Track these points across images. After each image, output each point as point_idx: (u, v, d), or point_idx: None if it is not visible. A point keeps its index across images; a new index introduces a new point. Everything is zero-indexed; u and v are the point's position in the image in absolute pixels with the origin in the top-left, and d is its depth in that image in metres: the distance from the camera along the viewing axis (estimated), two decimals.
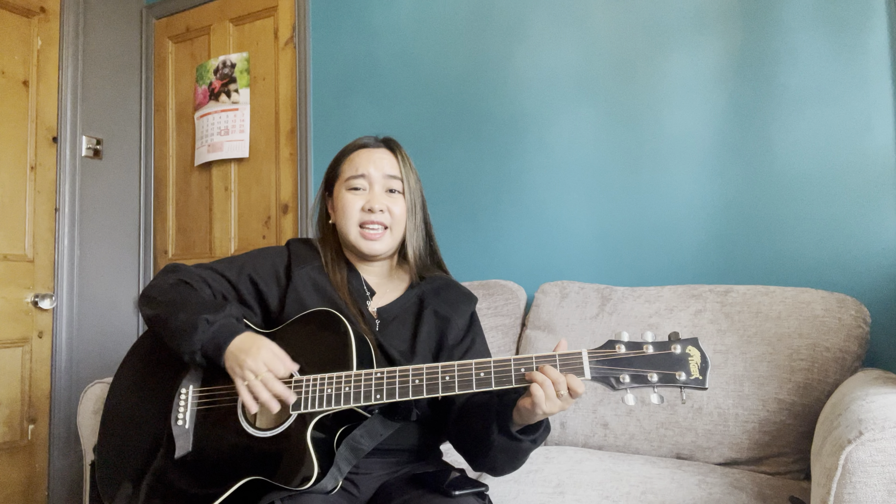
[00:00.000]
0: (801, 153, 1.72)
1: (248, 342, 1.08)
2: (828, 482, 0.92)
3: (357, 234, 1.25)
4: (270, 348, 1.07)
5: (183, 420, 1.14)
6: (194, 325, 1.09)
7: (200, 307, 1.12)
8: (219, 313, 1.11)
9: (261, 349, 1.06)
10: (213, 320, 1.09)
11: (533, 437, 1.06)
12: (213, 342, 1.09)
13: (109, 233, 2.81)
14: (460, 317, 1.28)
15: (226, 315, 1.12)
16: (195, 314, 1.10)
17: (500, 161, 2.15)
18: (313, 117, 2.55)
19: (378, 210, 1.23)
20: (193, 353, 1.09)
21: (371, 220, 1.23)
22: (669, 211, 1.88)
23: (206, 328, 1.09)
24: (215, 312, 1.11)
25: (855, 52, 1.66)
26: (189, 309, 1.12)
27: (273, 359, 1.06)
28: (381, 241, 1.25)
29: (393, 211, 1.25)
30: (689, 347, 0.97)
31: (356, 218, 1.24)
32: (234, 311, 1.14)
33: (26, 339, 2.52)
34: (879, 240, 1.63)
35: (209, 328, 1.09)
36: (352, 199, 1.25)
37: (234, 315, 1.14)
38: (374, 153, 1.28)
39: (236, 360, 1.07)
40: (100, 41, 2.81)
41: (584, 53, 2.03)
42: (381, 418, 1.11)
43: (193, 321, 1.09)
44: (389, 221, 1.25)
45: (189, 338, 1.09)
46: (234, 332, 1.09)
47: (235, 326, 1.11)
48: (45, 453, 2.54)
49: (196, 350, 1.09)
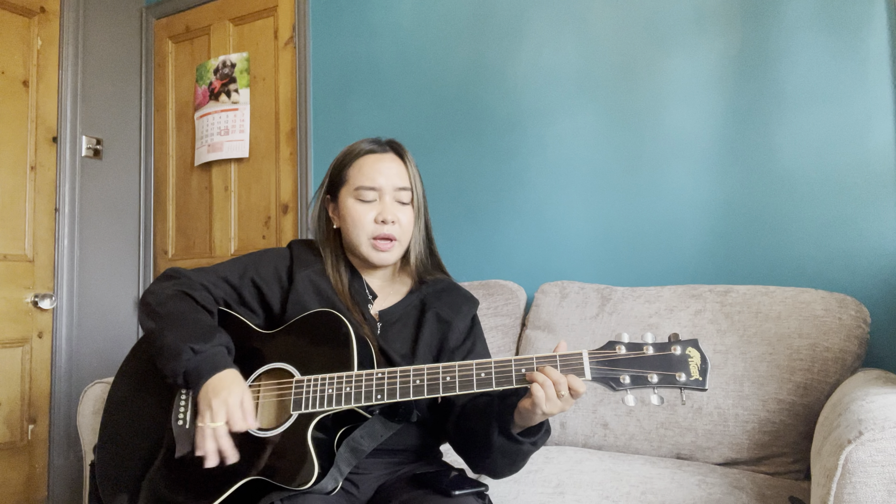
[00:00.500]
0: (801, 153, 1.72)
1: (224, 383, 1.06)
2: (828, 482, 0.92)
3: (369, 246, 1.24)
4: (239, 397, 1.05)
5: (184, 420, 1.14)
6: (178, 352, 1.07)
7: (190, 332, 1.10)
8: (206, 343, 1.09)
9: (230, 395, 1.04)
10: (198, 350, 1.07)
11: (533, 440, 1.06)
12: (195, 373, 1.07)
13: (109, 233, 2.81)
14: (461, 320, 1.28)
15: (213, 345, 1.09)
16: (183, 340, 1.08)
17: (500, 161, 2.15)
18: (313, 117, 2.55)
19: (391, 222, 1.22)
20: (175, 377, 1.08)
21: (383, 233, 1.22)
22: (669, 211, 1.88)
23: (189, 357, 1.07)
24: (203, 342, 1.08)
25: (855, 52, 1.66)
26: (179, 331, 1.10)
27: (236, 410, 1.03)
28: (392, 252, 1.25)
29: (402, 221, 1.24)
30: (690, 349, 0.97)
31: (369, 230, 1.23)
32: (222, 340, 1.12)
33: (26, 339, 2.52)
34: (879, 240, 1.63)
35: (193, 358, 1.07)
36: (363, 210, 1.23)
37: (223, 344, 1.11)
38: (383, 161, 1.26)
39: (205, 397, 1.05)
40: (100, 41, 2.81)
41: (584, 53, 2.03)
42: (381, 419, 1.11)
43: (179, 348, 1.07)
44: (399, 233, 1.24)
45: (171, 362, 1.07)
46: (215, 369, 1.07)
47: (218, 361, 1.08)
48: (45, 453, 2.54)
49: (178, 374, 1.08)
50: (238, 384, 1.07)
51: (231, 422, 1.03)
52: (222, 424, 1.03)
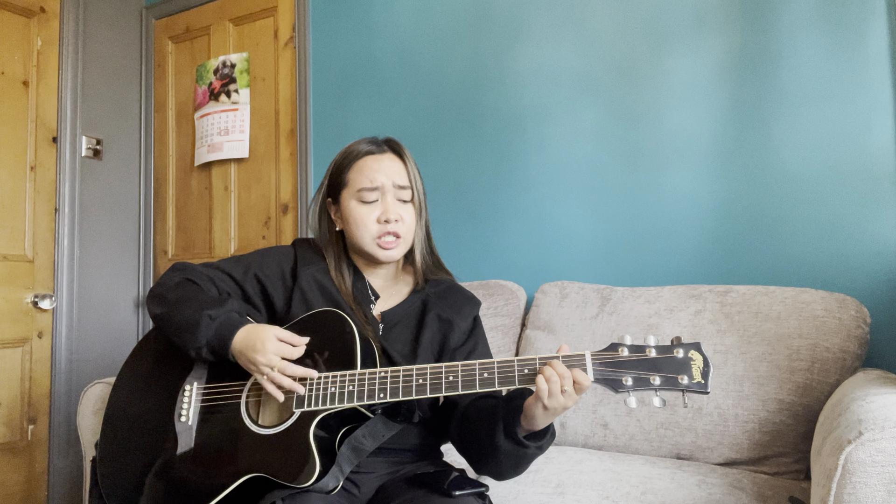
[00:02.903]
0: (801, 153, 1.72)
1: (253, 337, 1.10)
2: (828, 482, 0.92)
3: (374, 245, 1.24)
4: (275, 336, 1.10)
5: (186, 417, 1.14)
6: (197, 322, 1.11)
7: (203, 303, 1.14)
8: (220, 308, 1.13)
9: (266, 341, 1.09)
10: (215, 316, 1.12)
11: (539, 443, 1.07)
12: (218, 337, 1.11)
13: (109, 233, 2.81)
14: (463, 320, 1.28)
15: (227, 310, 1.14)
16: (198, 310, 1.12)
17: (500, 161, 2.16)
18: (313, 117, 2.55)
19: (394, 220, 1.23)
20: (199, 348, 1.12)
21: (387, 231, 1.23)
22: (669, 211, 1.88)
23: (209, 324, 1.11)
24: (217, 308, 1.13)
25: (855, 52, 1.66)
26: (192, 305, 1.14)
27: (280, 346, 1.09)
28: (397, 249, 1.25)
29: (405, 219, 1.25)
30: (692, 352, 0.97)
31: (373, 230, 1.24)
32: (235, 306, 1.16)
33: (26, 340, 2.52)
34: (879, 240, 1.63)
35: (212, 324, 1.11)
36: (366, 211, 1.24)
37: (235, 310, 1.15)
38: (382, 161, 1.26)
39: (248, 358, 1.10)
40: (100, 41, 2.81)
41: (584, 53, 2.03)
42: (383, 419, 1.12)
43: (196, 318, 1.11)
44: (403, 230, 1.25)
45: (193, 334, 1.11)
46: (236, 327, 1.12)
47: (237, 321, 1.13)
48: (45, 453, 2.54)
49: (202, 346, 1.12)
50: (263, 329, 1.11)
51: (285, 355, 1.09)
52: (280, 362, 1.08)
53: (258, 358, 1.08)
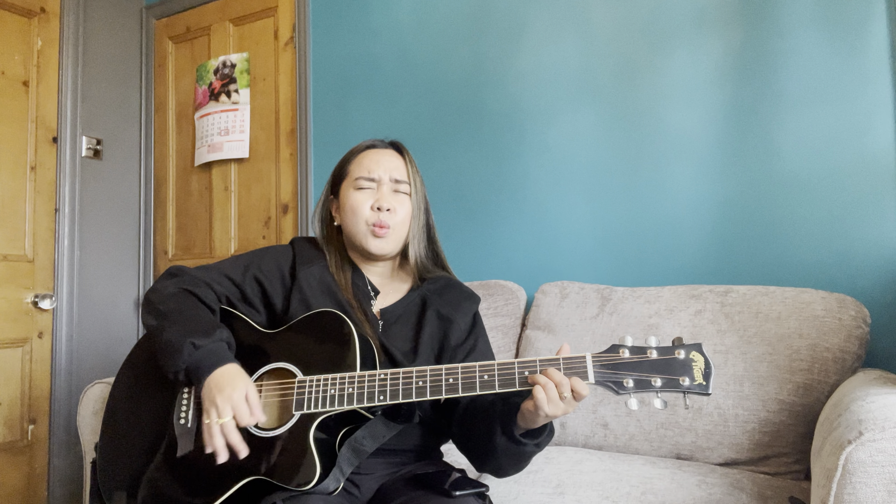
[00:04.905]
0: (801, 153, 1.72)
1: (227, 378, 1.06)
2: (828, 482, 0.92)
3: (366, 231, 1.25)
4: (244, 391, 1.05)
5: (185, 419, 1.14)
6: (179, 348, 1.08)
7: (190, 328, 1.10)
8: (207, 338, 1.09)
9: (234, 390, 1.05)
10: (199, 345, 1.08)
11: (537, 441, 1.06)
12: (196, 369, 1.08)
13: (109, 233, 2.81)
14: (463, 317, 1.28)
15: (213, 340, 1.10)
16: (183, 335, 1.08)
17: (500, 161, 2.16)
18: (313, 117, 2.55)
19: (386, 209, 1.24)
20: (176, 373, 1.09)
21: (379, 219, 1.24)
22: (669, 211, 1.88)
23: (190, 352, 1.08)
24: (203, 337, 1.09)
25: (855, 52, 1.66)
26: (180, 327, 1.10)
27: (241, 404, 1.04)
28: (388, 240, 1.26)
29: (399, 212, 1.26)
30: (693, 353, 0.97)
31: (365, 216, 1.25)
32: (223, 336, 1.12)
33: (26, 340, 2.52)
34: (879, 240, 1.63)
35: (194, 353, 1.08)
36: (361, 197, 1.26)
37: (223, 340, 1.12)
38: (382, 154, 1.29)
39: (209, 393, 1.06)
40: (100, 41, 2.81)
41: (584, 53, 2.03)
42: (383, 420, 1.11)
43: (180, 343, 1.08)
44: (395, 222, 1.25)
45: (173, 358, 1.08)
46: (217, 364, 1.08)
47: (219, 356, 1.09)
48: (45, 454, 2.54)
49: (179, 371, 1.09)
50: (241, 378, 1.07)
51: (238, 416, 1.04)
52: (229, 419, 1.03)
53: (217, 399, 1.04)
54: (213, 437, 1.03)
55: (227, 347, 1.12)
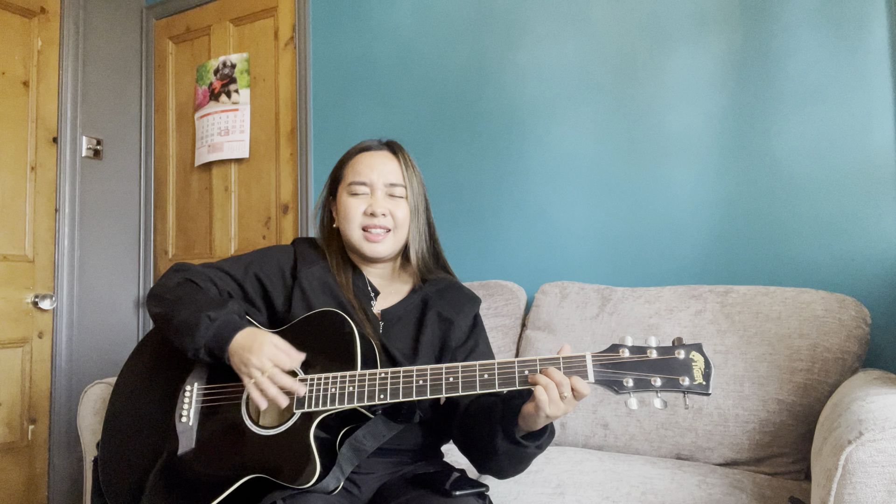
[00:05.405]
0: (801, 153, 1.72)
1: (251, 339, 1.08)
2: (828, 483, 0.92)
3: (360, 236, 1.25)
4: (273, 342, 1.08)
5: (187, 417, 1.14)
6: (196, 323, 1.09)
7: (203, 304, 1.12)
8: (221, 310, 1.11)
9: (263, 345, 1.07)
10: (214, 317, 1.10)
11: (538, 443, 1.06)
12: (216, 339, 1.09)
13: (109, 233, 2.81)
14: (463, 318, 1.28)
15: (227, 311, 1.12)
16: (197, 311, 1.10)
17: (500, 161, 2.16)
18: (313, 117, 2.56)
19: (380, 214, 1.24)
20: (197, 350, 1.10)
21: (373, 223, 1.24)
22: (670, 211, 1.88)
23: (208, 325, 1.09)
24: (217, 309, 1.11)
25: (855, 52, 1.67)
26: (192, 306, 1.12)
27: (276, 353, 1.07)
28: (384, 244, 1.25)
29: (395, 214, 1.26)
30: (693, 353, 0.97)
31: (358, 221, 1.25)
32: (235, 308, 1.14)
33: (26, 340, 2.52)
34: (879, 240, 1.63)
35: (211, 325, 1.09)
36: (354, 203, 1.26)
37: (235, 311, 1.14)
38: (376, 157, 1.28)
39: (241, 358, 1.07)
40: (100, 41, 2.81)
41: (584, 53, 2.03)
42: (384, 419, 1.12)
43: (196, 318, 1.10)
44: (392, 225, 1.25)
45: (192, 335, 1.10)
46: (236, 329, 1.10)
47: (237, 322, 1.11)
48: (45, 454, 2.54)
49: (200, 347, 1.10)
50: (263, 333, 1.09)
51: (280, 364, 1.06)
52: (272, 369, 1.05)
53: (252, 359, 1.06)
54: (266, 388, 1.05)
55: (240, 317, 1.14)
